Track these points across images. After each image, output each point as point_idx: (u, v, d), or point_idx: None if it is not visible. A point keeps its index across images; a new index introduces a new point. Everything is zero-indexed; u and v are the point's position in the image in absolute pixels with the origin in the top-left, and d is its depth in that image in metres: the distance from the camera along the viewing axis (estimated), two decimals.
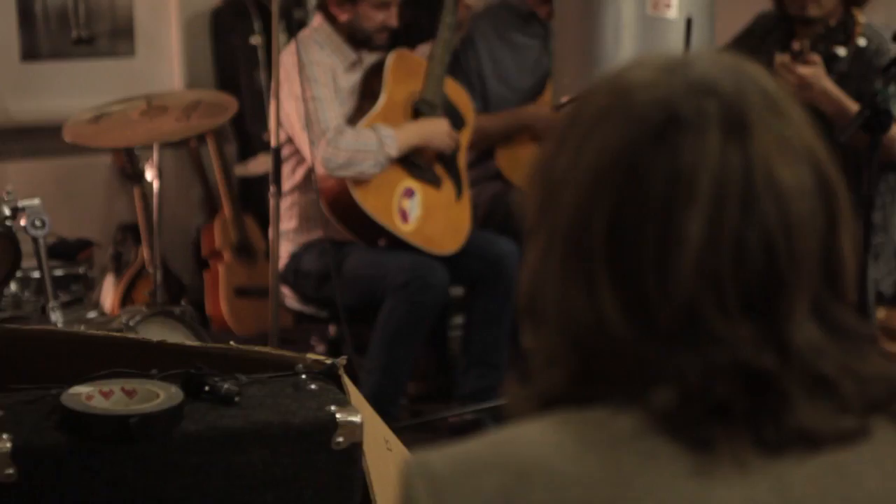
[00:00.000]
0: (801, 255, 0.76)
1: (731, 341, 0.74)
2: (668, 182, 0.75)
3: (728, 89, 0.77)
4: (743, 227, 0.74)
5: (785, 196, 0.75)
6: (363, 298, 3.13)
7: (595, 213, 0.76)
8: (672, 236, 0.75)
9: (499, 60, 3.48)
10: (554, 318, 0.78)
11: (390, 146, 3.08)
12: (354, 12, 3.15)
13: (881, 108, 2.49)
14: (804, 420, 0.74)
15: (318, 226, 3.18)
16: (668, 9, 2.77)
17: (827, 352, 0.76)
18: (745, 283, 0.75)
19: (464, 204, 3.29)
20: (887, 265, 3.27)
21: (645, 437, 0.74)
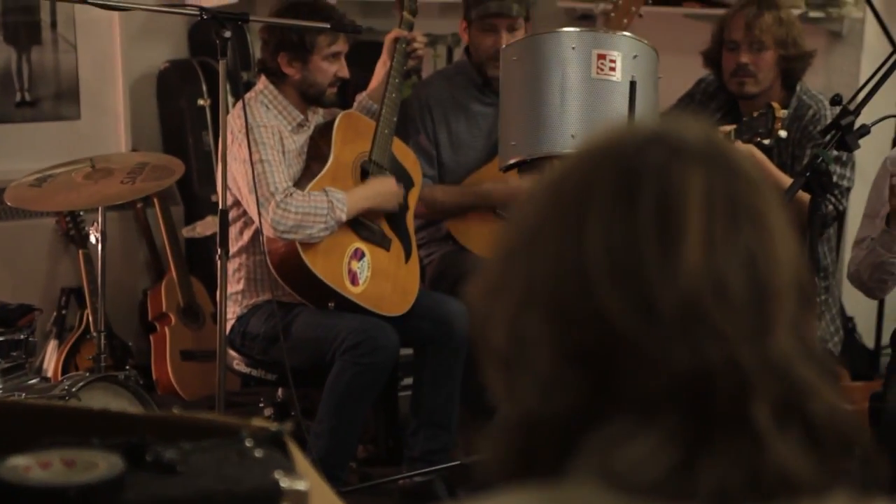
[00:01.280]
0: (781, 272, 0.79)
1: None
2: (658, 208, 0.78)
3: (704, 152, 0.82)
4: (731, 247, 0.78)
5: (765, 221, 0.80)
6: (312, 361, 3.10)
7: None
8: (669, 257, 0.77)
9: (454, 128, 3.48)
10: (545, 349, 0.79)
11: (340, 210, 3.08)
12: (306, 69, 3.15)
13: (822, 170, 2.53)
14: (783, 461, 0.76)
15: (266, 288, 3.15)
16: (613, 72, 2.81)
17: (800, 372, 0.78)
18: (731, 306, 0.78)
19: (412, 265, 3.28)
20: (832, 323, 3.31)
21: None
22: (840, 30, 4.13)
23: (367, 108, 3.40)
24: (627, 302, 0.77)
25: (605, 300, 0.77)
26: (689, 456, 0.76)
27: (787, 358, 0.78)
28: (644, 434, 0.76)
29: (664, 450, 0.76)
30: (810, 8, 4.02)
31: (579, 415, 0.78)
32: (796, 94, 3.24)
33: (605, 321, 0.77)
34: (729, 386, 0.76)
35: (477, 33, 3.42)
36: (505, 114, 2.98)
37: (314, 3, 3.21)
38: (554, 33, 2.90)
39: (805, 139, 3.19)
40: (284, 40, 3.13)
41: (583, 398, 0.78)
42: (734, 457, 0.76)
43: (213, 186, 3.94)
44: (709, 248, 0.77)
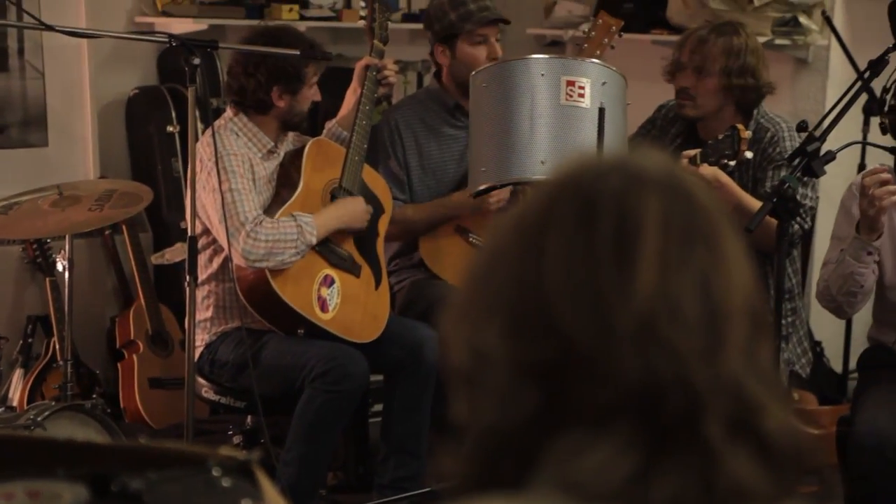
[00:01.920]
0: (734, 295, 0.82)
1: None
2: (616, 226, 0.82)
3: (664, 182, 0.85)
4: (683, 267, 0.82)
5: (720, 246, 0.83)
6: (281, 388, 3.08)
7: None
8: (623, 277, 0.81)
9: (425, 151, 3.48)
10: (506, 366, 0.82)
11: (310, 233, 3.07)
12: (294, 98, 3.15)
13: (789, 195, 2.55)
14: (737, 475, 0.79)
15: (235, 315, 3.13)
16: (582, 98, 2.82)
17: (751, 390, 0.81)
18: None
19: (382, 292, 3.27)
20: (800, 345, 3.33)
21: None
22: (806, 57, 4.17)
23: (336, 136, 3.39)
24: (583, 320, 0.81)
25: (563, 318, 0.81)
26: (644, 467, 0.79)
27: (738, 377, 0.81)
28: (600, 445, 0.79)
29: (620, 460, 0.79)
30: (776, 35, 4.06)
31: (538, 427, 0.81)
32: (754, 117, 3.26)
33: (562, 337, 0.81)
34: (681, 401, 0.79)
35: (468, 49, 3.38)
36: (475, 140, 2.98)
37: (284, 30, 3.22)
38: (523, 60, 2.91)
39: (765, 161, 3.21)
40: (278, 73, 3.11)
41: (540, 411, 0.81)
42: (687, 469, 0.79)
43: (183, 213, 3.92)
44: (663, 270, 0.81)
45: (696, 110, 3.26)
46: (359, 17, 4.59)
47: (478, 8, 3.38)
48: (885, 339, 2.99)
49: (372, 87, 3.30)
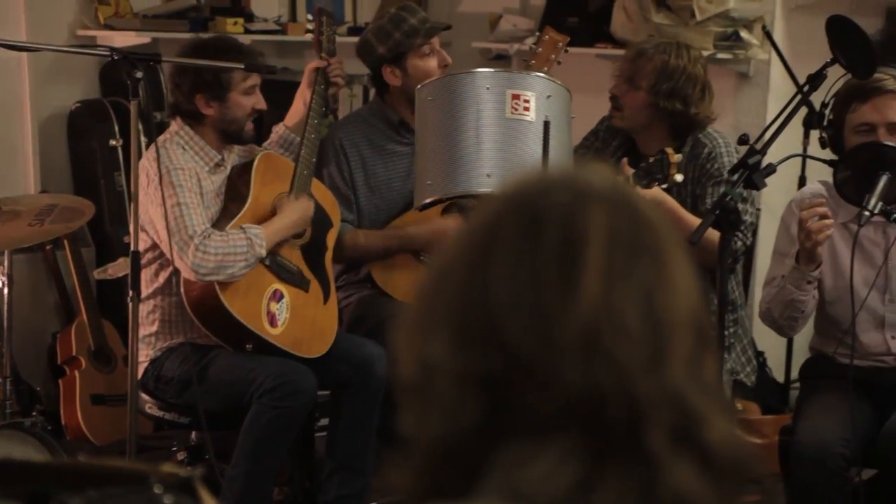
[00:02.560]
0: (678, 308, 0.84)
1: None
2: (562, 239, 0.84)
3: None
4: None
5: (664, 260, 0.86)
6: (229, 403, 3.05)
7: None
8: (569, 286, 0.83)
9: (370, 170, 3.45)
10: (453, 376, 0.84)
11: (259, 245, 3.04)
12: (224, 106, 3.12)
13: (731, 207, 2.57)
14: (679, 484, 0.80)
15: (181, 330, 3.10)
16: (527, 111, 2.84)
17: (694, 401, 0.83)
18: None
19: (331, 307, 3.25)
20: (744, 354, 3.36)
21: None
22: (747, 71, 4.23)
23: (285, 139, 3.37)
24: (528, 331, 0.82)
25: (507, 330, 0.82)
26: (588, 476, 0.80)
27: (681, 388, 0.82)
28: (544, 455, 0.81)
29: (563, 469, 0.80)
30: (718, 49, 4.11)
31: (483, 437, 0.82)
32: (691, 134, 3.28)
33: (507, 349, 0.82)
34: (623, 412, 0.81)
35: (419, 64, 3.36)
36: (421, 153, 2.98)
37: (224, 41, 3.20)
38: (469, 73, 2.92)
39: (703, 177, 3.23)
40: (199, 81, 3.10)
41: (485, 421, 0.82)
42: (630, 478, 0.80)
43: (126, 227, 3.87)
44: (607, 283, 0.82)
45: (622, 122, 3.28)
46: (305, 30, 4.59)
47: (419, 21, 3.38)
48: (825, 350, 3.03)
49: (320, 100, 3.29)
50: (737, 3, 4.07)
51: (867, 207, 2.61)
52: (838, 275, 2.93)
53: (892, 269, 2.91)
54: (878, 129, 2.81)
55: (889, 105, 2.80)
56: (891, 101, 2.81)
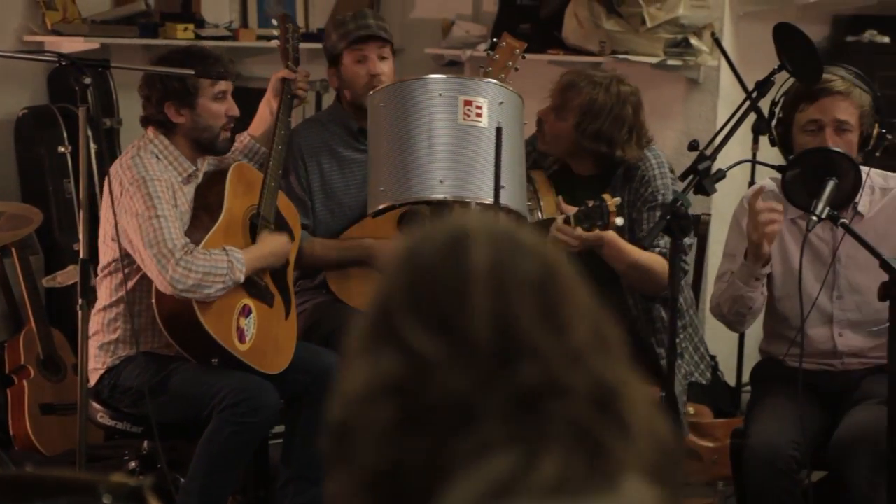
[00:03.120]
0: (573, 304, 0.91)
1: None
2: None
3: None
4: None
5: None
6: (188, 416, 3.03)
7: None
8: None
9: (328, 177, 3.44)
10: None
11: (239, 270, 3.02)
12: (195, 113, 3.09)
13: (682, 213, 2.60)
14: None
15: (144, 340, 3.07)
16: (480, 118, 2.84)
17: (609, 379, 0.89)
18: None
19: (291, 321, 3.24)
20: (696, 353, 3.39)
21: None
22: (697, 77, 4.27)
23: (250, 148, 3.35)
24: (439, 341, 0.87)
25: (410, 338, 0.88)
26: (527, 455, 0.84)
27: (595, 364, 0.89)
28: (482, 446, 0.84)
29: (504, 456, 0.83)
30: (668, 56, 4.15)
31: (411, 443, 0.85)
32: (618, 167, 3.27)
33: (415, 356, 0.87)
34: (547, 384, 0.86)
35: (349, 67, 3.36)
36: (373, 159, 2.98)
37: (189, 49, 3.17)
38: (421, 80, 2.92)
39: (638, 201, 3.20)
40: (166, 90, 3.07)
41: (395, 425, 0.86)
42: (565, 449, 0.85)
43: (76, 235, 3.83)
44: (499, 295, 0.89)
45: (545, 145, 3.29)
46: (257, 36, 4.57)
47: (356, 27, 3.36)
48: (775, 352, 3.06)
49: (287, 111, 3.28)
50: (686, 10, 4.10)
51: (815, 212, 2.65)
52: (787, 271, 2.97)
53: (839, 267, 2.95)
54: (826, 128, 2.85)
55: (836, 105, 2.85)
56: (838, 101, 2.85)
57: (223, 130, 3.12)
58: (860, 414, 2.84)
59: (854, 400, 2.93)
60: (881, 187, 2.99)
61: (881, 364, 2.81)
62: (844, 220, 2.67)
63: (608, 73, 3.28)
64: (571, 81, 3.21)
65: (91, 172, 3.65)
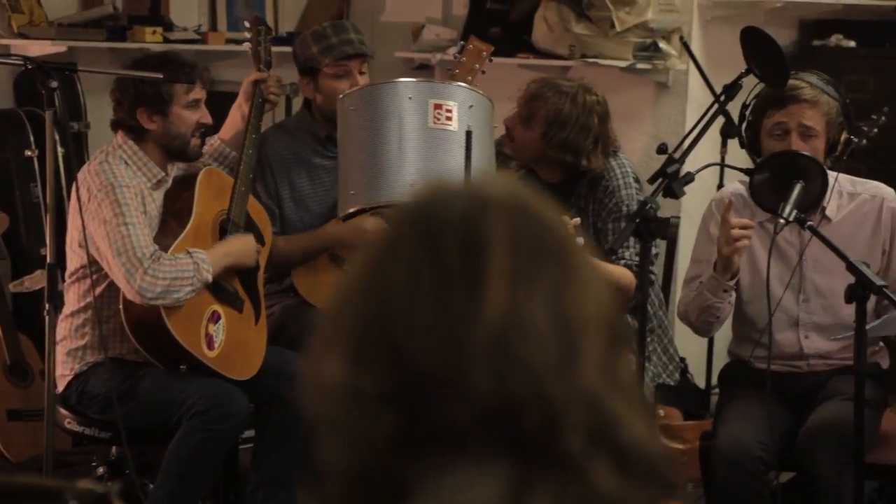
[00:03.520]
0: (588, 310, 0.84)
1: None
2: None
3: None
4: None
5: (570, 263, 0.86)
6: (157, 422, 3.02)
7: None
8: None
9: (296, 183, 3.43)
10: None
11: (206, 270, 3.00)
12: (167, 121, 3.07)
13: (651, 216, 2.61)
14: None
15: (112, 346, 3.05)
16: (450, 121, 2.85)
17: (609, 403, 0.83)
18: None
19: (261, 327, 3.23)
20: (665, 354, 3.41)
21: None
22: (666, 81, 4.29)
23: (220, 152, 3.34)
24: (431, 342, 0.81)
25: (408, 342, 0.81)
26: (515, 485, 0.79)
27: (594, 390, 0.82)
28: (465, 467, 0.80)
29: (487, 480, 0.80)
30: (637, 60, 4.17)
31: (398, 456, 0.81)
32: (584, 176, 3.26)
33: (408, 362, 0.81)
34: (538, 416, 0.80)
35: (330, 81, 3.34)
36: (344, 163, 2.97)
37: (164, 55, 3.15)
38: (391, 83, 2.92)
39: (603, 212, 3.22)
40: (140, 95, 3.04)
41: (395, 439, 0.81)
42: (555, 483, 0.80)
43: (43, 240, 3.80)
44: (512, 288, 0.82)
45: (513, 152, 3.29)
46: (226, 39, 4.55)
47: (339, 41, 3.35)
48: (743, 354, 3.08)
49: (258, 115, 3.26)
50: (655, 14, 4.13)
51: (782, 215, 2.67)
52: (755, 274, 2.99)
53: (806, 269, 2.98)
54: (791, 132, 2.87)
55: (802, 112, 2.87)
56: (805, 108, 2.88)
57: (193, 137, 3.11)
58: (826, 410, 2.86)
59: (820, 399, 2.95)
60: (849, 192, 3.01)
61: (847, 365, 2.83)
62: (811, 222, 2.69)
63: (575, 83, 3.29)
64: (538, 91, 3.22)
65: (58, 176, 3.63)
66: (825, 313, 2.98)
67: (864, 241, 2.97)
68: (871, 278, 2.42)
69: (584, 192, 3.24)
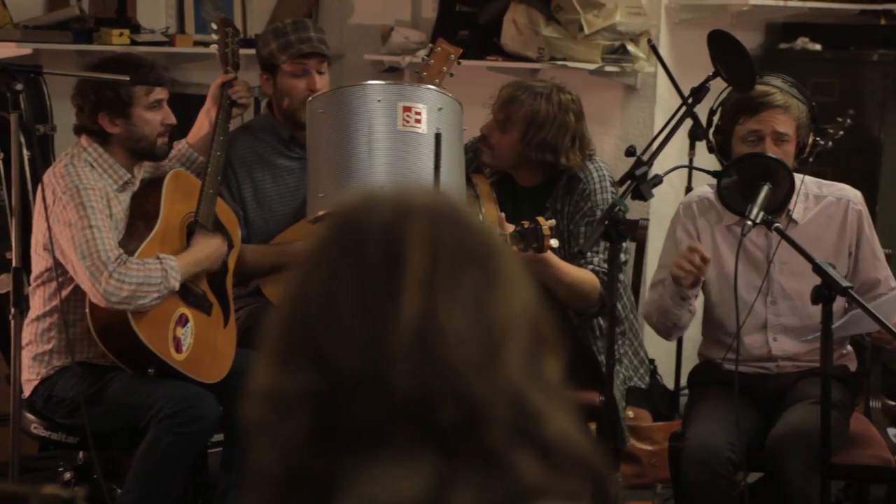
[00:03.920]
0: (511, 311, 0.87)
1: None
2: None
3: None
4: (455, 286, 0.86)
5: (494, 266, 0.89)
6: (125, 426, 2.99)
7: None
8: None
9: (259, 185, 3.41)
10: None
11: (174, 277, 2.98)
12: (130, 123, 3.05)
13: (619, 218, 2.62)
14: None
15: (78, 350, 3.02)
16: (419, 124, 2.84)
17: (531, 400, 0.86)
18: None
19: (230, 329, 3.21)
20: (636, 357, 3.42)
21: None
22: (634, 83, 4.31)
23: (187, 157, 3.31)
24: (350, 343, 0.85)
25: (328, 344, 0.85)
26: (440, 479, 0.82)
27: (517, 387, 0.85)
28: (389, 464, 0.83)
29: (412, 475, 0.82)
30: (606, 62, 4.18)
31: (321, 455, 0.84)
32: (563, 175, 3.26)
33: (328, 363, 0.85)
34: (458, 412, 0.83)
35: (288, 79, 3.33)
36: (312, 166, 2.96)
37: (120, 57, 3.13)
38: (360, 86, 2.92)
39: (577, 214, 3.22)
40: (100, 99, 3.02)
41: (316, 439, 0.84)
42: (484, 478, 0.83)
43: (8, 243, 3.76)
44: (431, 291, 0.85)
45: (492, 160, 3.29)
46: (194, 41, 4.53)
47: (297, 39, 3.34)
48: (712, 356, 3.10)
49: (226, 117, 3.25)
50: (623, 17, 4.14)
51: (749, 217, 2.68)
52: (723, 277, 3.01)
53: (773, 272, 3.00)
54: (766, 139, 2.90)
55: (775, 118, 2.89)
56: (778, 114, 2.90)
57: (159, 137, 3.09)
58: (794, 413, 2.88)
59: (788, 402, 2.97)
60: (815, 195, 3.04)
61: (814, 367, 2.85)
62: (779, 224, 2.71)
63: (547, 83, 3.29)
64: (512, 95, 3.22)
65: (24, 179, 3.60)
66: (793, 315, 3.00)
67: (830, 243, 3.00)
68: (838, 279, 2.44)
69: (561, 194, 3.24)
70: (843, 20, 4.61)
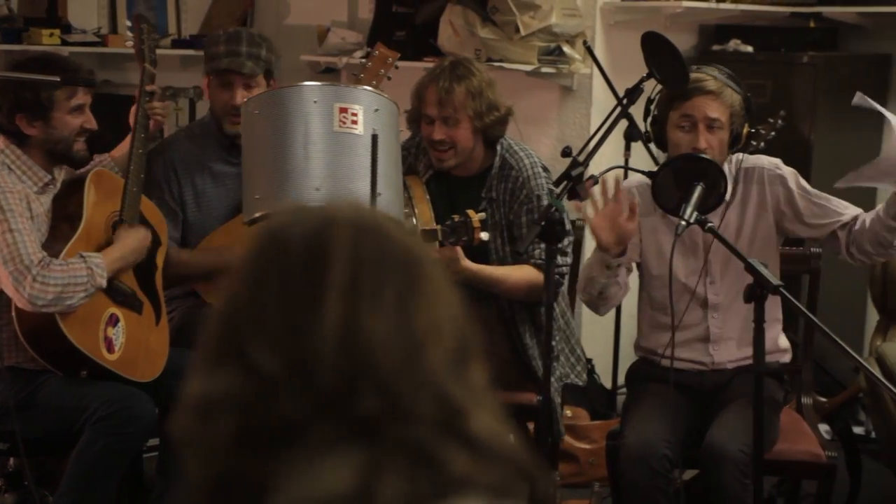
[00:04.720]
0: (435, 317, 0.91)
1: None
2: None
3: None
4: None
5: (417, 273, 0.92)
6: (58, 430, 2.95)
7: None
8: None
9: (199, 188, 3.41)
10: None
11: (100, 275, 2.94)
12: (49, 126, 3.00)
13: (556, 219, 2.63)
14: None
15: (6, 355, 2.97)
16: (355, 125, 2.84)
17: (455, 397, 0.89)
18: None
19: (162, 327, 3.18)
20: (573, 354, 3.44)
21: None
22: (570, 84, 4.33)
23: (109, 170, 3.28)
24: (275, 347, 0.88)
25: (252, 348, 0.88)
26: (367, 474, 0.85)
27: (441, 385, 0.89)
28: (317, 461, 0.85)
29: (339, 471, 0.85)
30: (542, 64, 4.20)
31: (247, 457, 0.87)
32: (499, 152, 3.31)
33: (251, 366, 0.88)
34: (382, 407, 0.87)
35: (214, 89, 3.40)
36: (248, 167, 2.94)
37: (45, 57, 3.08)
38: (296, 87, 2.90)
39: (515, 203, 3.27)
40: (19, 100, 2.97)
41: (240, 441, 0.87)
42: (411, 471, 0.86)
43: None
44: (353, 298, 0.89)
45: (458, 157, 3.30)
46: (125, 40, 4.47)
47: (225, 52, 3.36)
48: (651, 345, 3.14)
49: (145, 114, 3.22)
50: (559, 19, 4.17)
51: (684, 217, 2.71)
52: (661, 256, 3.06)
53: (711, 254, 3.05)
54: (698, 125, 2.94)
55: (707, 104, 2.94)
56: (710, 100, 2.94)
57: (76, 142, 3.05)
58: (729, 417, 2.92)
59: (724, 399, 3.01)
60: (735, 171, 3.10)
61: (749, 365, 2.89)
62: (712, 224, 2.75)
63: (444, 62, 3.36)
64: (444, 89, 3.24)
65: None
66: (730, 291, 3.05)
67: (753, 212, 3.06)
68: (769, 278, 2.47)
69: (495, 183, 3.28)
70: (775, 23, 4.68)
